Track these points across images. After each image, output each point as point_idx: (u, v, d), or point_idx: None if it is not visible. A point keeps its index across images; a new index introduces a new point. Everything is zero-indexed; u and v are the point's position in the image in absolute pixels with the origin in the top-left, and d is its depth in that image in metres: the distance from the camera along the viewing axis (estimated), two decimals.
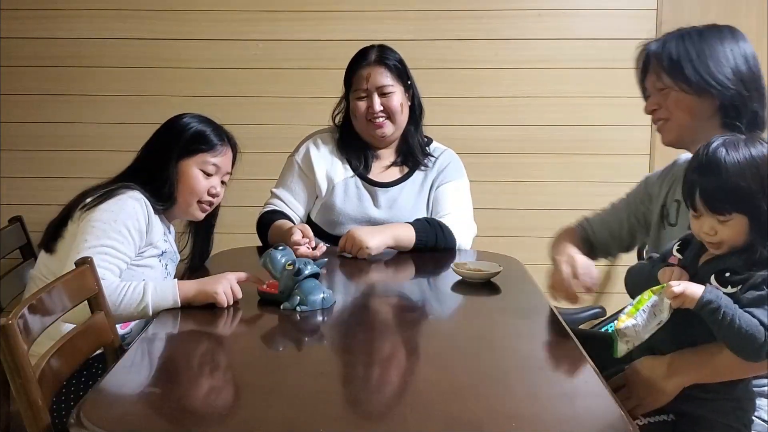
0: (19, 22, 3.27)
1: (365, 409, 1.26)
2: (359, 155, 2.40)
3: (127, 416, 1.20)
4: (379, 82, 2.32)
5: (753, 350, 1.39)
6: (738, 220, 1.43)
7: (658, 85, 1.72)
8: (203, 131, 2.05)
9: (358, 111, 2.35)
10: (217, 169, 2.05)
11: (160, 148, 2.05)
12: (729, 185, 1.42)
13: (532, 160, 3.33)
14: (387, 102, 2.32)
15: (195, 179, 2.02)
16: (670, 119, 1.72)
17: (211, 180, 2.05)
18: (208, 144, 2.04)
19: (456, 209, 2.36)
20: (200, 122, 2.07)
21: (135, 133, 3.31)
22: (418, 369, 1.45)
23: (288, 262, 1.72)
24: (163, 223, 2.04)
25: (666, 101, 1.70)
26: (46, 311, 1.54)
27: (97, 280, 1.76)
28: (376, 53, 2.36)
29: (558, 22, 3.27)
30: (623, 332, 1.43)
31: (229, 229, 3.32)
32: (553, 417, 1.22)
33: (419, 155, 2.42)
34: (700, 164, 1.46)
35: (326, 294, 1.71)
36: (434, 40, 3.25)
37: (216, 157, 2.04)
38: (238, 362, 1.43)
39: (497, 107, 3.30)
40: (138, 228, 1.90)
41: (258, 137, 3.30)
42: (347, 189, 2.37)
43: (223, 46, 3.28)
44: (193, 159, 2.02)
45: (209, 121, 2.09)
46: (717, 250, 1.47)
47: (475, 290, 1.91)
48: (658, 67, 1.70)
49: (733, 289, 1.43)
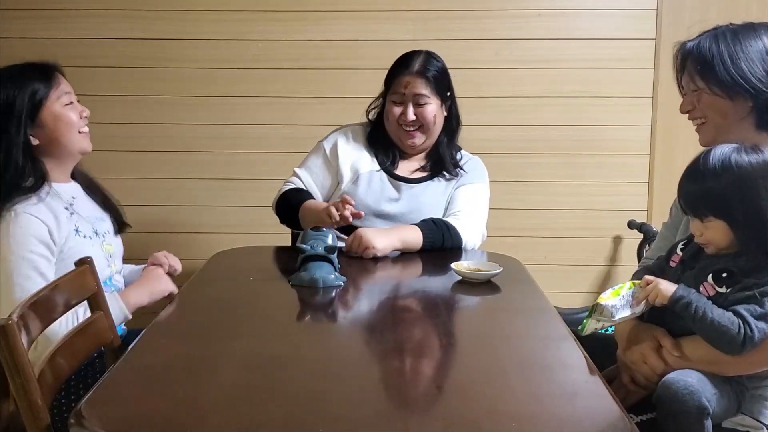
0: (19, 22, 3.27)
1: (365, 409, 1.26)
2: (388, 152, 2.42)
3: (127, 416, 1.20)
4: (417, 91, 2.32)
5: (727, 342, 1.43)
6: (717, 223, 1.47)
7: (691, 86, 1.70)
8: (36, 75, 1.96)
9: (391, 114, 2.36)
10: (68, 94, 1.99)
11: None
12: (703, 190, 1.47)
13: (532, 160, 3.33)
14: (421, 112, 2.34)
15: (64, 117, 1.95)
16: (705, 121, 1.70)
17: (74, 105, 2.00)
18: (50, 81, 1.96)
19: (468, 209, 2.36)
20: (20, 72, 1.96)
21: (135, 133, 3.35)
22: (418, 369, 1.45)
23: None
24: (59, 201, 1.95)
25: (700, 102, 1.68)
26: (46, 311, 1.55)
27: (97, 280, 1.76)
28: (420, 63, 2.35)
29: (558, 22, 3.27)
30: (601, 308, 1.50)
31: (229, 228, 3.34)
32: (553, 417, 1.22)
33: (449, 166, 2.42)
34: (687, 168, 1.52)
35: (330, 275, 1.85)
36: (434, 40, 3.24)
37: (60, 86, 1.98)
38: (238, 362, 1.43)
39: (497, 107, 3.30)
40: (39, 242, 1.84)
41: (258, 137, 3.31)
42: (371, 181, 2.38)
43: (223, 46, 3.28)
44: (48, 104, 1.94)
45: (23, 66, 1.99)
46: (708, 250, 1.52)
47: (475, 290, 1.91)
48: (692, 68, 1.68)
49: (728, 289, 1.45)
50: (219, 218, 3.36)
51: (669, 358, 1.52)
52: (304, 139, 2.55)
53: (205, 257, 2.28)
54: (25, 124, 1.91)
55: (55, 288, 1.60)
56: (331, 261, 1.89)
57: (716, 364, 1.48)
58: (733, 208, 1.45)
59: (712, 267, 1.49)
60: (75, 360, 1.60)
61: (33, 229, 1.84)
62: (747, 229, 1.45)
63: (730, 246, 1.49)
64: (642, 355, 1.56)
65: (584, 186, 3.34)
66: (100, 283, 1.78)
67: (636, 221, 3.23)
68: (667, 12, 3.24)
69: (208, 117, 3.30)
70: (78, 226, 1.96)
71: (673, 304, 1.47)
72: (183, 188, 3.36)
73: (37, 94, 1.92)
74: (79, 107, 2.01)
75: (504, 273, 1.94)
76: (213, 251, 2.34)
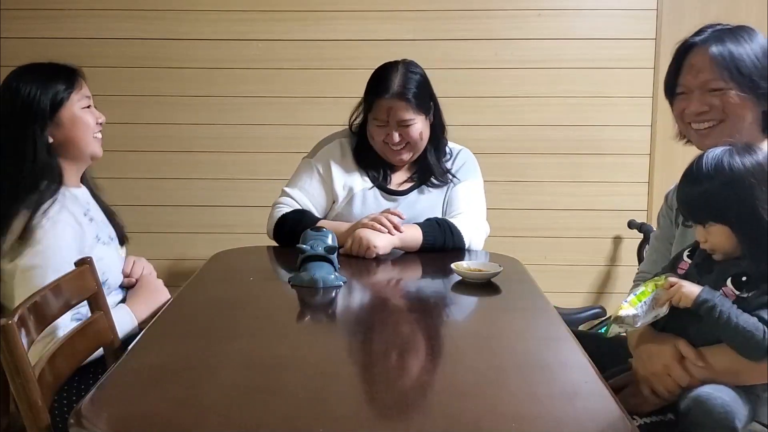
0: (19, 22, 3.27)
1: (365, 409, 1.26)
2: (378, 168, 2.39)
3: (127, 416, 1.20)
4: (400, 117, 2.26)
5: (753, 347, 1.40)
6: (718, 228, 1.45)
7: (712, 84, 1.62)
8: (59, 77, 1.96)
9: (376, 137, 2.32)
10: (87, 98, 2.00)
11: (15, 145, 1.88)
12: (699, 195, 1.45)
13: (532, 160, 3.33)
14: (407, 132, 2.29)
15: (82, 119, 1.95)
16: (725, 120, 1.63)
17: (92, 110, 2.01)
18: (72, 83, 1.97)
19: (468, 209, 2.35)
20: (41, 73, 1.95)
21: (135, 133, 3.35)
22: (419, 369, 1.45)
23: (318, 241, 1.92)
24: (78, 207, 1.95)
25: (721, 102, 1.62)
26: (46, 311, 1.55)
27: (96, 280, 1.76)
28: (399, 83, 2.25)
29: (558, 22, 3.27)
30: (621, 319, 1.47)
31: (229, 228, 3.34)
32: (553, 417, 1.21)
33: (437, 174, 2.39)
34: (684, 173, 1.50)
35: (330, 276, 1.85)
36: (434, 40, 3.25)
37: (81, 90, 1.99)
38: (238, 362, 1.43)
39: (497, 107, 3.30)
40: (76, 251, 1.82)
41: (258, 137, 3.32)
42: (365, 200, 2.36)
43: (223, 46, 3.28)
44: (66, 109, 1.93)
45: (44, 66, 1.99)
46: (716, 257, 1.49)
47: (475, 290, 1.91)
48: (712, 66, 1.61)
49: (748, 293, 1.44)
50: (219, 218, 3.36)
51: (693, 369, 1.47)
52: (304, 139, 2.55)
53: (205, 257, 2.28)
54: (45, 121, 1.90)
55: (55, 288, 1.60)
56: (331, 261, 1.89)
57: (739, 374, 1.45)
58: (731, 210, 1.42)
59: (732, 271, 1.46)
60: (75, 360, 1.60)
61: (66, 240, 1.82)
62: (748, 232, 1.43)
63: (735, 250, 1.46)
64: (665, 367, 1.50)
65: (584, 186, 3.34)
66: (100, 283, 1.78)
67: (636, 221, 3.23)
68: (667, 12, 3.24)
69: (208, 117, 3.30)
70: (98, 233, 1.96)
71: (697, 308, 1.42)
72: (183, 188, 3.36)
73: (58, 94, 1.92)
74: (96, 113, 2.02)
75: (504, 273, 1.94)
76: (213, 251, 2.33)
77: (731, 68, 1.60)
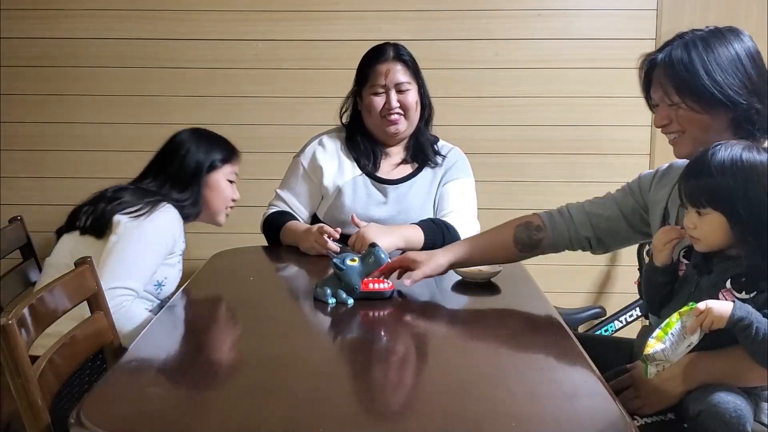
0: (19, 22, 3.27)
1: (365, 409, 1.26)
2: (368, 153, 2.41)
3: (127, 416, 1.20)
4: (398, 79, 2.34)
5: None
6: (714, 216, 1.44)
7: (666, 100, 1.64)
8: (226, 146, 2.28)
9: (373, 106, 2.36)
10: (236, 176, 2.30)
11: (187, 163, 2.21)
12: (706, 179, 1.44)
13: (532, 160, 3.33)
14: (403, 99, 2.35)
15: (225, 190, 2.26)
16: (685, 131, 1.64)
17: (233, 186, 2.30)
18: (231, 157, 2.28)
19: (460, 207, 2.37)
20: (216, 138, 2.30)
21: (135, 133, 3.35)
22: (418, 369, 1.45)
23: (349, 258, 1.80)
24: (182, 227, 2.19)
25: (677, 116, 1.63)
26: (46, 311, 1.54)
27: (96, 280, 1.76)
28: (394, 50, 2.38)
29: (558, 22, 3.27)
30: (653, 357, 1.41)
31: (230, 229, 3.31)
32: (553, 417, 1.22)
33: (430, 153, 2.43)
34: (692, 161, 1.50)
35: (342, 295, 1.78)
36: (434, 40, 3.25)
37: (235, 166, 2.30)
38: (238, 362, 1.43)
39: (497, 107, 3.30)
40: (172, 243, 2.09)
41: (258, 137, 3.31)
42: (356, 188, 2.37)
43: (223, 46, 3.28)
44: (221, 171, 2.25)
45: (219, 136, 2.32)
46: (698, 247, 1.49)
47: (475, 290, 1.91)
48: (666, 82, 1.63)
49: (749, 294, 1.43)
50: None
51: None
52: (304, 139, 2.55)
53: (205, 257, 2.28)
54: (210, 167, 2.23)
55: (54, 288, 1.60)
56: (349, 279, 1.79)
57: (741, 376, 1.45)
58: (736, 201, 1.41)
59: (731, 272, 1.45)
60: (75, 360, 1.60)
61: (169, 232, 2.08)
62: (747, 225, 1.42)
63: (722, 243, 1.46)
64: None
65: (584, 186, 3.33)
66: (100, 283, 1.78)
67: None
68: (667, 12, 3.24)
69: (208, 117, 3.29)
70: (182, 249, 2.19)
71: (733, 326, 1.39)
72: None
73: (216, 160, 2.24)
74: (236, 191, 2.31)
75: (504, 273, 1.94)
76: (213, 251, 2.34)
77: (681, 85, 1.60)
